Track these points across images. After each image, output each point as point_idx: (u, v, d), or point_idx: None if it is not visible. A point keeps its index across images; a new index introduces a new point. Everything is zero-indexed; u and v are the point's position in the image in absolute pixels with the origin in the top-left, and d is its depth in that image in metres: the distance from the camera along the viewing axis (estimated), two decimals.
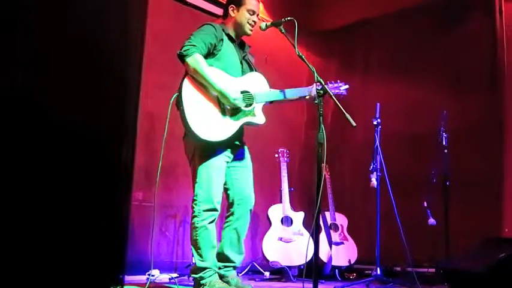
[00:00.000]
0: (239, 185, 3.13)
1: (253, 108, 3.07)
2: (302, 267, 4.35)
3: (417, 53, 5.37)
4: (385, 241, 3.96)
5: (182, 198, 4.61)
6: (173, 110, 2.99)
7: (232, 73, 3.08)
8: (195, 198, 2.98)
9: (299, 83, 5.25)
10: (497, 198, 4.59)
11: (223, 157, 3.04)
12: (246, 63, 3.25)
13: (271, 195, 5.07)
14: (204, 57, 2.97)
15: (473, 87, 4.91)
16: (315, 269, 2.56)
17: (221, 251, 3.12)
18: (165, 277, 3.86)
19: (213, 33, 3.04)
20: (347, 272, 4.82)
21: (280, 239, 4.51)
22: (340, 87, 3.36)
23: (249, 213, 3.17)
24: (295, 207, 4.78)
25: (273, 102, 3.24)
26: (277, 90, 3.21)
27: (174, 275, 3.86)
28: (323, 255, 4.62)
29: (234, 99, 2.95)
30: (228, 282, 3.06)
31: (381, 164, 3.95)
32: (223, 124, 2.97)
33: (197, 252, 2.95)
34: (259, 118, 3.11)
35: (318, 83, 2.78)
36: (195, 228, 2.95)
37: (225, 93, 2.93)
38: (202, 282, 2.92)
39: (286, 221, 4.62)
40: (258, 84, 3.16)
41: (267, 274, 4.52)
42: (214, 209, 2.98)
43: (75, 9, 1.27)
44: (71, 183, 1.24)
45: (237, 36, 3.23)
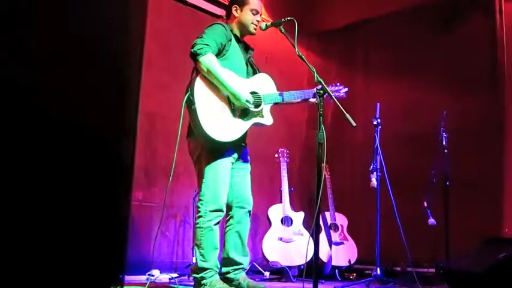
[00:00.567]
0: (238, 187, 3.14)
1: (262, 110, 3.11)
2: (302, 267, 4.35)
3: (417, 53, 5.37)
4: (385, 241, 3.96)
5: (182, 198, 4.62)
6: (174, 109, 2.99)
7: (238, 74, 3.10)
8: (201, 199, 2.98)
9: (299, 83, 5.25)
10: (497, 198, 4.59)
11: (230, 158, 3.05)
12: (249, 64, 3.28)
13: (271, 195, 5.07)
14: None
15: (473, 87, 4.91)
16: (315, 269, 2.56)
17: (226, 255, 3.13)
18: (165, 277, 3.86)
19: (223, 32, 3.05)
20: (347, 272, 4.82)
21: (280, 239, 4.51)
22: (341, 90, 3.40)
23: (248, 215, 3.18)
24: (295, 207, 4.77)
25: (280, 104, 3.26)
26: (284, 91, 3.23)
27: (174, 275, 3.86)
28: (323, 255, 4.62)
29: (246, 101, 2.98)
30: (239, 284, 3.07)
31: (381, 164, 3.95)
32: (234, 125, 3.00)
33: (200, 252, 2.95)
34: (267, 119, 3.15)
35: (318, 83, 2.79)
36: (200, 228, 2.95)
37: (237, 94, 2.95)
38: (203, 282, 2.93)
39: (286, 221, 4.62)
40: (266, 85, 3.19)
41: (267, 274, 4.51)
42: (220, 210, 2.98)
43: (75, 9, 1.27)
44: (71, 183, 1.24)
45: (241, 37, 3.25)
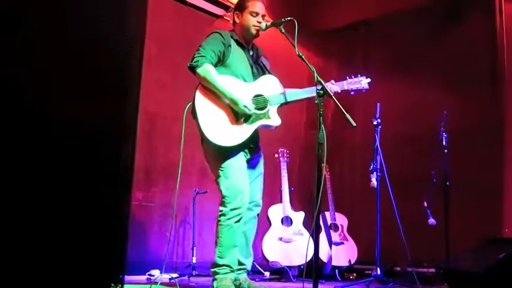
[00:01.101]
0: (252, 190, 3.19)
1: (268, 111, 3.12)
2: (302, 267, 4.35)
3: (417, 53, 5.37)
4: (385, 241, 3.95)
5: (182, 198, 4.61)
6: (174, 109, 2.99)
7: (242, 78, 3.14)
8: (223, 200, 3.05)
9: (299, 83, 5.24)
10: (497, 198, 4.59)
11: (242, 156, 3.12)
12: (258, 67, 3.30)
13: (271, 195, 5.06)
14: (215, 65, 3.06)
15: (473, 87, 4.90)
16: (315, 269, 2.56)
17: None
18: (165, 277, 3.85)
19: (220, 40, 3.12)
20: (347, 272, 4.82)
21: (280, 239, 4.51)
22: (361, 82, 3.28)
23: (256, 218, 3.28)
24: (295, 207, 4.77)
25: (288, 103, 3.24)
26: (290, 90, 3.23)
27: (174, 275, 3.85)
28: (323, 255, 4.62)
29: (245, 106, 3.02)
30: (240, 285, 3.12)
31: (381, 164, 3.95)
32: (238, 129, 3.05)
33: (218, 249, 3.03)
34: (275, 120, 3.17)
35: (318, 83, 2.78)
36: (220, 225, 3.03)
37: (236, 100, 3.00)
38: (216, 276, 3.01)
39: (286, 221, 4.62)
40: (271, 86, 3.21)
41: (267, 274, 4.51)
42: (240, 207, 3.04)
43: (75, 9, 1.27)
44: (71, 183, 1.24)
45: (246, 41, 3.28)
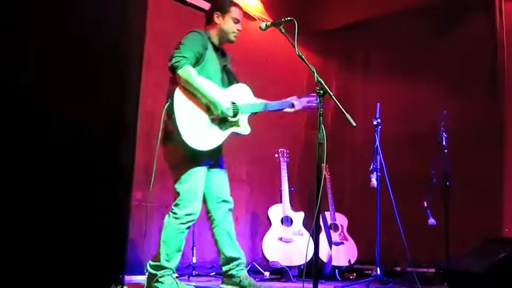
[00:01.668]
0: (217, 188, 3.20)
1: (238, 119, 3.15)
2: (302, 267, 4.35)
3: (417, 53, 5.36)
4: (385, 241, 3.95)
5: None
6: None
7: (213, 82, 3.14)
8: (178, 203, 3.04)
9: (299, 83, 5.25)
10: (497, 198, 4.59)
11: (205, 167, 3.11)
12: (225, 73, 3.30)
13: (271, 195, 5.06)
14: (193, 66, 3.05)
15: (473, 87, 4.90)
16: (315, 269, 2.56)
17: (223, 255, 3.20)
18: None
19: (200, 42, 3.11)
20: (347, 272, 4.82)
21: (280, 239, 4.51)
22: (313, 102, 3.28)
23: (229, 213, 3.25)
24: (295, 207, 4.77)
25: (257, 113, 3.31)
26: (261, 101, 3.29)
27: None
28: (323, 255, 4.61)
29: (227, 109, 3.04)
30: (241, 282, 3.12)
31: (381, 164, 3.95)
32: (211, 134, 3.06)
33: (165, 251, 3.02)
34: (244, 128, 3.20)
35: (318, 83, 2.77)
36: (170, 227, 3.02)
37: (217, 104, 3.01)
38: (161, 279, 3.01)
39: (286, 221, 4.62)
40: (243, 95, 3.25)
41: (267, 274, 4.51)
42: (195, 213, 3.05)
43: (75, 9, 1.27)
44: (72, 183, 1.24)
45: (219, 44, 3.29)
